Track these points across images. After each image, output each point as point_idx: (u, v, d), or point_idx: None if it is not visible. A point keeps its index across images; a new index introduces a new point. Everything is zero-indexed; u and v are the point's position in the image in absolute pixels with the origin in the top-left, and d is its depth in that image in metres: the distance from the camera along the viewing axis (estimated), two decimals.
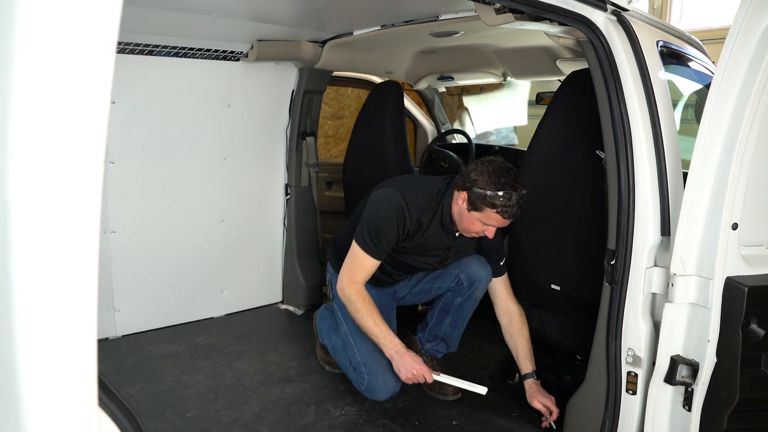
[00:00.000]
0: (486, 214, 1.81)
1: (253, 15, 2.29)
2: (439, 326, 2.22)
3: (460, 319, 2.20)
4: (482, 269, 2.12)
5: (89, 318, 0.63)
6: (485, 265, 2.13)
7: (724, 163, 1.38)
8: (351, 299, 1.94)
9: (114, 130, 1.46)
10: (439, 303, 2.21)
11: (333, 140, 5.11)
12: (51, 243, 0.58)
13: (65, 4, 0.56)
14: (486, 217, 1.82)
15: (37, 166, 0.57)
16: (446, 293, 2.18)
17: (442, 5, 2.07)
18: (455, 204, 1.90)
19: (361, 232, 1.94)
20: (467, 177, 1.84)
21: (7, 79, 0.54)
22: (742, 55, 1.33)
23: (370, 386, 1.96)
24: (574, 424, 1.83)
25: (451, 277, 2.15)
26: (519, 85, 3.98)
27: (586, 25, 1.59)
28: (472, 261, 2.13)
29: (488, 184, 1.77)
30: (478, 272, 2.11)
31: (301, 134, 2.97)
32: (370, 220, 1.93)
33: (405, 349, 1.88)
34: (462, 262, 2.14)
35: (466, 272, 2.12)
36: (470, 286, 2.12)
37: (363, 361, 1.99)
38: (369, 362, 1.98)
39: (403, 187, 1.97)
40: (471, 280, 2.11)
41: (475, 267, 2.12)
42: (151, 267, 2.66)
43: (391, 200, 1.91)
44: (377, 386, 1.95)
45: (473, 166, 1.85)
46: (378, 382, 1.95)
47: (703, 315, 1.45)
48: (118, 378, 2.23)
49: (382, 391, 1.96)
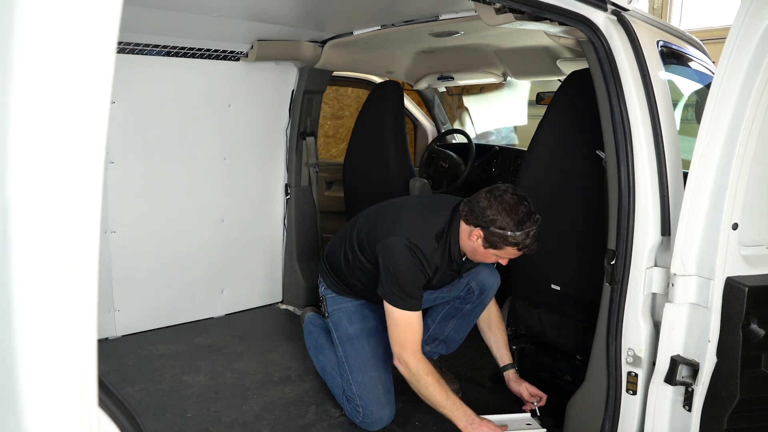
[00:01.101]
0: (505, 251, 1.78)
1: (253, 15, 2.29)
2: (442, 329, 2.21)
3: (465, 324, 2.19)
4: (492, 276, 2.11)
5: (89, 318, 0.63)
6: (495, 272, 2.12)
7: (724, 163, 1.38)
8: (420, 374, 1.80)
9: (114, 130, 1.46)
10: (443, 308, 2.19)
11: (333, 140, 5.11)
12: (51, 243, 0.58)
13: (65, 4, 0.56)
14: (504, 252, 1.78)
15: (38, 166, 0.56)
16: (453, 300, 2.16)
17: (442, 5, 2.07)
18: (468, 240, 1.81)
19: (391, 295, 1.81)
20: (481, 214, 1.73)
21: (7, 79, 0.54)
22: (743, 55, 1.33)
23: (366, 420, 1.92)
24: (574, 424, 1.83)
25: (460, 286, 2.11)
26: (519, 85, 3.97)
27: (586, 25, 1.59)
28: (481, 269, 2.11)
29: (508, 223, 1.70)
30: (488, 279, 2.10)
31: (301, 134, 2.97)
32: (395, 277, 1.80)
33: (479, 419, 1.82)
34: (471, 270, 2.11)
35: (476, 280, 2.10)
36: (481, 293, 2.11)
37: (359, 394, 1.94)
38: (366, 395, 1.92)
39: (407, 230, 1.84)
40: (482, 288, 2.10)
41: (485, 274, 2.11)
42: (151, 267, 2.66)
43: (405, 251, 1.80)
44: (373, 420, 1.91)
45: (486, 202, 1.74)
46: (374, 416, 1.91)
47: (704, 315, 1.45)
48: (118, 378, 2.23)
49: (377, 424, 1.92)
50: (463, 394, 2.08)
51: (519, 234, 1.71)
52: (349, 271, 2.05)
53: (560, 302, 2.18)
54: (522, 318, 2.35)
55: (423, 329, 2.22)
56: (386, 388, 1.96)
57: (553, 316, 2.25)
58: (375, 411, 1.91)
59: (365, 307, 2.10)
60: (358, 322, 2.06)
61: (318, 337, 2.26)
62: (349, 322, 2.06)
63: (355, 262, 2.01)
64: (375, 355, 2.00)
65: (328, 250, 2.20)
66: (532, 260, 2.26)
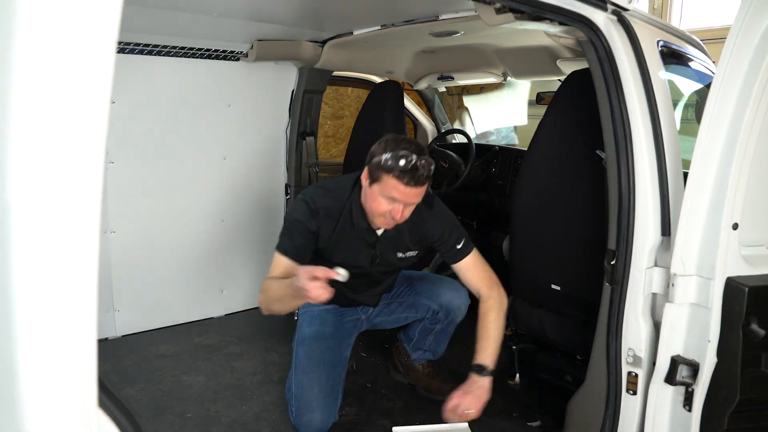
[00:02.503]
0: (384, 184, 1.64)
1: (253, 15, 2.29)
2: (423, 342, 2.21)
3: (443, 337, 2.19)
4: (457, 297, 2.07)
5: (89, 318, 0.63)
6: (459, 290, 2.06)
7: (724, 163, 1.38)
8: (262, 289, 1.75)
9: (114, 130, 1.46)
10: (418, 325, 2.19)
11: (333, 140, 5.11)
12: (51, 243, 0.58)
13: (65, 4, 0.56)
14: (385, 187, 1.64)
15: (37, 166, 0.56)
16: (423, 320, 2.15)
17: (442, 5, 2.07)
18: (363, 190, 1.76)
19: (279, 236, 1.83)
20: (369, 156, 1.70)
21: (7, 79, 0.54)
22: (743, 55, 1.33)
23: (297, 419, 1.88)
24: (574, 424, 1.83)
25: (423, 309, 2.11)
26: (519, 85, 3.97)
27: (586, 24, 1.59)
28: (444, 289, 2.08)
29: (385, 150, 1.64)
30: (453, 302, 2.07)
31: (301, 134, 2.97)
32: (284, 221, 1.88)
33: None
34: (432, 292, 2.09)
35: (438, 302, 2.07)
36: (447, 315, 2.09)
37: (296, 393, 1.90)
38: (300, 395, 1.89)
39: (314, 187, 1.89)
40: (447, 310, 2.08)
41: (448, 296, 2.07)
42: (151, 267, 2.66)
43: (296, 201, 1.85)
44: (301, 421, 1.86)
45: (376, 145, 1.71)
46: (303, 417, 1.86)
47: (704, 315, 1.45)
48: (118, 378, 2.23)
49: (305, 426, 1.86)
50: None
51: (393, 154, 1.60)
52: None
53: (560, 302, 2.18)
54: (522, 318, 2.35)
55: (407, 338, 2.25)
56: (323, 392, 1.89)
57: (553, 316, 2.25)
58: (304, 412, 1.85)
59: (329, 313, 2.07)
60: (317, 325, 2.03)
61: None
62: (308, 324, 2.04)
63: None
64: (321, 359, 1.95)
65: None
66: (533, 260, 2.27)
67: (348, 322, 2.10)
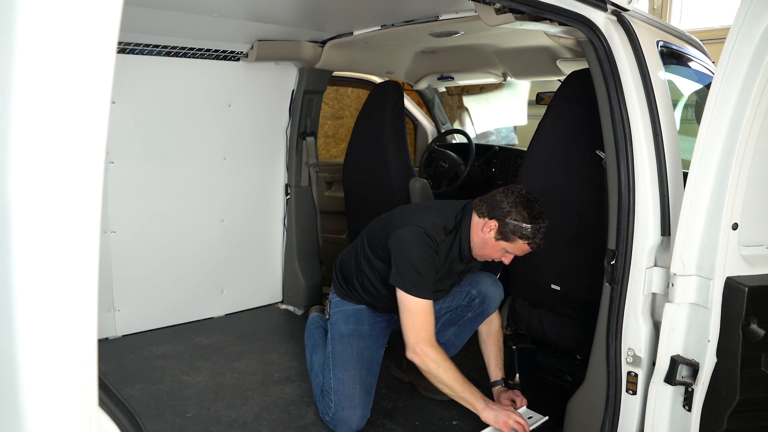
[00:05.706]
0: (515, 245, 1.81)
1: (253, 15, 2.29)
2: (444, 334, 2.21)
3: (466, 330, 2.19)
4: (495, 288, 2.12)
5: (89, 318, 0.63)
6: (498, 284, 2.12)
7: (724, 163, 1.38)
8: (438, 361, 1.81)
9: (114, 130, 1.46)
10: (445, 316, 2.19)
11: (333, 140, 5.11)
12: (51, 243, 0.58)
13: (65, 4, 0.56)
14: (514, 247, 1.82)
15: (38, 166, 0.57)
16: (455, 308, 2.16)
17: (442, 5, 2.07)
18: (479, 231, 1.86)
19: (406, 283, 1.82)
20: (497, 206, 1.81)
21: (7, 79, 0.54)
22: (743, 55, 1.33)
23: (335, 417, 1.90)
24: (574, 424, 1.83)
25: (461, 295, 2.13)
26: (519, 85, 3.97)
27: (586, 25, 1.59)
28: (484, 278, 2.12)
29: (523, 215, 1.77)
30: (491, 290, 2.11)
31: (301, 134, 2.97)
32: (409, 263, 1.82)
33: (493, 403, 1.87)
34: (473, 279, 2.12)
35: (478, 289, 2.11)
36: (482, 303, 2.11)
37: (335, 389, 1.92)
38: (341, 391, 1.91)
39: (420, 220, 1.88)
40: (483, 297, 2.11)
41: (488, 284, 2.11)
42: (151, 267, 2.66)
43: (419, 237, 1.84)
44: (341, 418, 1.89)
45: (502, 196, 1.82)
46: (344, 413, 1.88)
47: (704, 315, 1.45)
48: (118, 378, 2.23)
49: (344, 424, 1.89)
50: None
51: (532, 228, 1.76)
52: (357, 271, 2.08)
53: (560, 302, 2.18)
54: (522, 318, 2.35)
55: None
56: (363, 389, 1.94)
57: (553, 316, 2.25)
58: (346, 408, 1.89)
59: (364, 312, 2.11)
60: (353, 323, 2.08)
61: (316, 338, 2.28)
62: (344, 322, 2.08)
63: (364, 261, 2.04)
64: (360, 356, 2.00)
65: (341, 257, 2.24)
66: (533, 260, 2.27)
67: (382, 321, 2.14)
